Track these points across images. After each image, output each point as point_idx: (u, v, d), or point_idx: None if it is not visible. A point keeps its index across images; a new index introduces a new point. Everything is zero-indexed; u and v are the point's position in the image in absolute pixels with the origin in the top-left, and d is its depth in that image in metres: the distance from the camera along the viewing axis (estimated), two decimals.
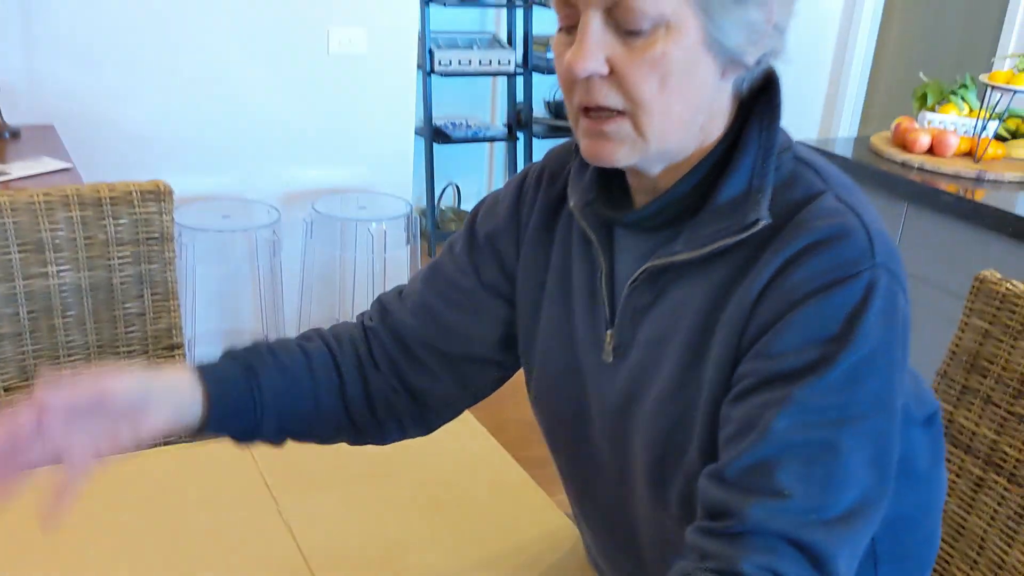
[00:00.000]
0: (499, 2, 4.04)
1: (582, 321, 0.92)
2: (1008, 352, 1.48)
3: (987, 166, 2.50)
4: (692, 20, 0.74)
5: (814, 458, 0.73)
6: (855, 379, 0.74)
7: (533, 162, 1.04)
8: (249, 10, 2.58)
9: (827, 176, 0.82)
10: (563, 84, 0.80)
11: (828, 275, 0.74)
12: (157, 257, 1.68)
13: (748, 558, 0.71)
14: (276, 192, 2.74)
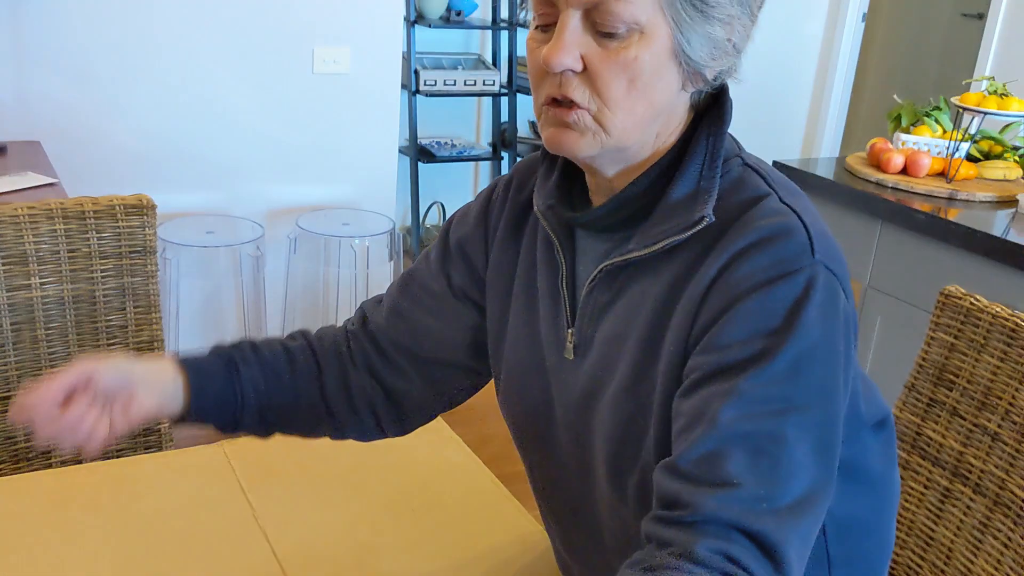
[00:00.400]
0: (484, 24, 4.10)
1: (546, 321, 0.96)
2: (972, 365, 1.51)
3: (959, 186, 2.55)
4: (663, 29, 0.79)
5: (761, 448, 0.76)
6: (797, 370, 0.77)
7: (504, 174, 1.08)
8: (235, 28, 2.61)
9: (772, 180, 0.86)
10: (533, 77, 0.84)
11: (770, 271, 0.78)
12: (140, 270, 1.70)
13: (702, 543, 0.74)
14: (260, 208, 2.77)
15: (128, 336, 1.70)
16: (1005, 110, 2.53)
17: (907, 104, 2.83)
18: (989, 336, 1.49)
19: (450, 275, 1.05)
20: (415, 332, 1.05)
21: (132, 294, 1.69)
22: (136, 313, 1.70)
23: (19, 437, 1.61)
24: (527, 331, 0.98)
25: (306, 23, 2.68)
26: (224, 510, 1.20)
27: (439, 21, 3.91)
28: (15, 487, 1.23)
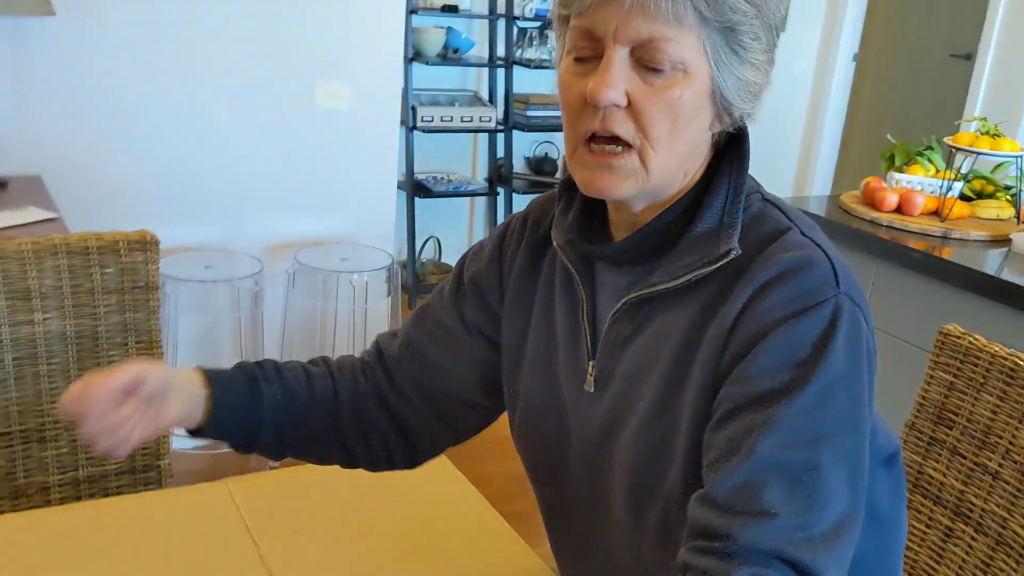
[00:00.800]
0: (481, 62, 4.14)
1: (564, 353, 0.97)
2: (972, 404, 1.52)
3: (953, 225, 2.58)
4: (704, 69, 0.82)
5: (797, 477, 0.77)
6: (826, 399, 0.79)
7: (517, 212, 1.10)
8: (238, 65, 2.64)
9: (792, 215, 0.89)
10: (571, 110, 0.85)
11: (797, 303, 0.80)
12: (142, 306, 1.70)
13: (741, 572, 0.75)
14: (259, 243, 2.78)
15: None
16: (997, 150, 2.56)
17: (900, 143, 2.87)
18: (988, 375, 1.50)
19: (463, 311, 1.06)
20: (427, 366, 1.06)
21: (134, 330, 1.69)
22: (138, 349, 1.70)
23: (19, 473, 1.61)
24: (545, 365, 1.00)
25: (308, 61, 2.71)
26: (229, 548, 1.20)
27: (436, 59, 3.95)
28: (16, 524, 1.23)
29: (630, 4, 0.78)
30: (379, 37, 2.79)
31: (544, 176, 4.48)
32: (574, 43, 0.84)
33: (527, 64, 4.21)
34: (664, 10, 0.78)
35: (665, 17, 0.78)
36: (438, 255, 4.45)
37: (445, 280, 1.11)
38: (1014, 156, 2.59)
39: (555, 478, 1.01)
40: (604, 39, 0.81)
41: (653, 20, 0.79)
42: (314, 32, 2.70)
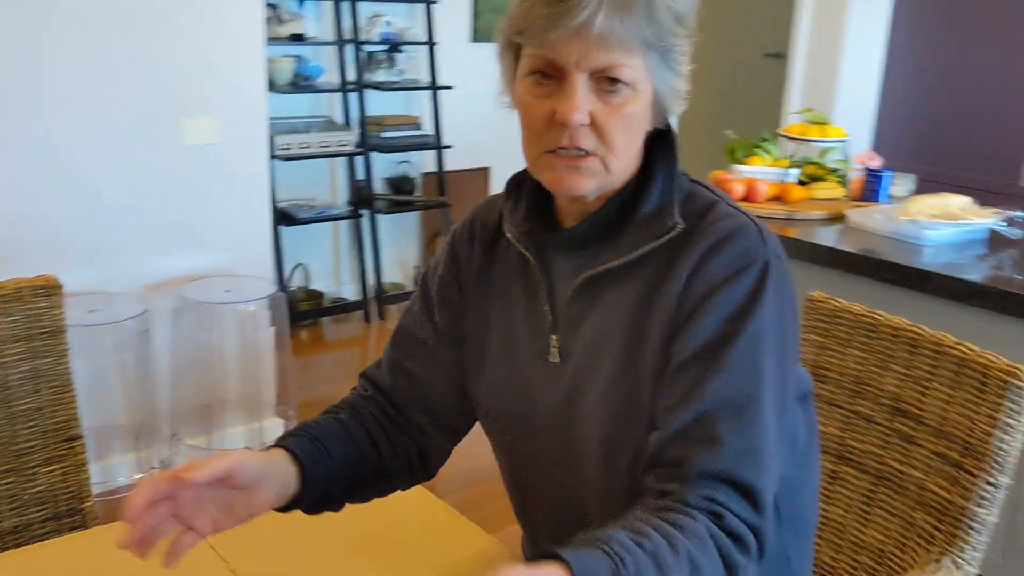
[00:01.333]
0: (332, 87, 4.19)
1: (526, 333, 1.09)
2: (842, 359, 1.72)
3: (795, 207, 2.85)
4: (648, 85, 0.96)
5: (740, 410, 0.93)
6: (760, 343, 0.95)
7: (454, 224, 1.21)
8: (102, 105, 2.60)
9: (714, 190, 1.05)
10: (535, 126, 0.98)
11: (736, 264, 0.96)
12: (50, 351, 1.69)
13: (694, 492, 0.90)
14: (141, 282, 2.74)
15: (44, 418, 1.68)
16: (825, 137, 2.85)
17: (740, 138, 3.13)
18: (854, 332, 1.71)
19: (435, 322, 1.16)
20: (416, 384, 1.16)
21: (45, 376, 1.68)
22: (51, 394, 1.69)
23: None
24: (508, 348, 1.11)
25: (172, 96, 2.70)
26: (200, 568, 1.23)
27: (288, 87, 3.98)
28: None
29: (594, 39, 0.91)
30: (241, 69, 2.81)
31: (404, 195, 4.56)
32: (533, 68, 0.96)
33: (378, 86, 4.29)
34: (620, 42, 0.91)
35: (619, 48, 0.92)
36: (307, 282, 4.45)
37: (412, 300, 1.20)
38: (840, 141, 2.88)
39: (525, 446, 1.11)
40: (567, 67, 0.93)
41: (610, 51, 0.92)
42: (176, 68, 2.69)
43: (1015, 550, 2.28)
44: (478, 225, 1.16)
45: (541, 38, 0.93)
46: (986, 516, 1.48)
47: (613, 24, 0.91)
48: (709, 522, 0.91)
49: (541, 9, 0.92)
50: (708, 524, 0.91)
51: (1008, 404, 1.45)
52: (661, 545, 0.88)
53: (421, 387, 1.17)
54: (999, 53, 4.25)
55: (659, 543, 0.88)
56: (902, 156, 4.51)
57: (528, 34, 0.94)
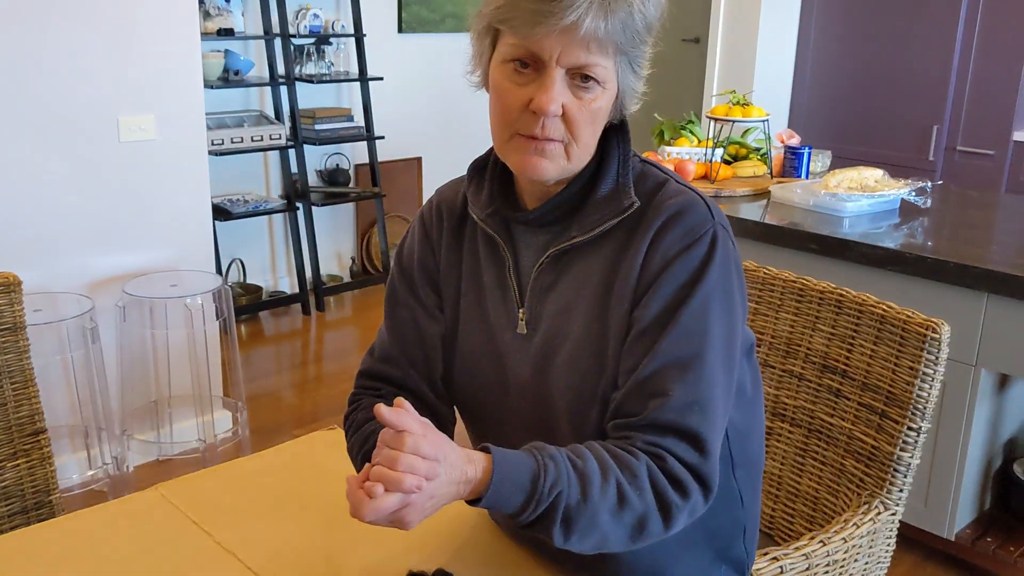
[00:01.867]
0: (262, 81, 4.19)
1: (494, 306, 1.17)
2: (774, 323, 1.85)
3: (721, 185, 2.98)
4: (614, 84, 1.05)
5: (687, 365, 1.04)
6: (707, 306, 1.05)
7: (423, 206, 1.28)
8: (38, 104, 2.59)
9: (663, 169, 1.15)
10: (507, 112, 1.05)
11: (688, 237, 1.06)
12: (11, 347, 1.71)
13: (642, 438, 1.02)
14: (85, 281, 2.73)
15: (9, 413, 1.70)
16: (748, 117, 2.99)
17: (667, 121, 3.26)
18: (784, 297, 1.84)
19: (423, 301, 1.23)
20: (421, 365, 1.23)
21: (7, 371, 1.70)
22: (14, 389, 1.71)
23: None
24: (478, 320, 1.19)
25: (109, 93, 2.69)
26: (187, 544, 1.28)
27: (218, 82, 3.97)
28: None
29: (579, 38, 0.99)
30: (177, 64, 2.81)
31: (338, 187, 4.59)
32: (514, 56, 1.03)
33: (308, 79, 4.31)
34: (599, 44, 1.00)
35: (598, 49, 1.00)
36: (243, 276, 4.45)
37: (389, 294, 1.26)
38: (762, 121, 3.03)
39: (497, 413, 1.20)
40: (548, 61, 1.01)
41: (589, 51, 1.00)
42: (112, 65, 2.69)
43: (935, 498, 2.45)
44: (445, 207, 1.24)
45: (526, 31, 1.00)
46: (910, 459, 1.62)
47: (598, 27, 0.99)
48: (650, 461, 1.02)
49: (530, 4, 0.99)
50: (648, 463, 1.02)
51: (926, 355, 1.59)
52: (593, 468, 0.99)
53: (428, 368, 1.23)
54: (905, 34, 4.46)
55: (592, 466, 0.99)
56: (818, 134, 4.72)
57: (513, 24, 1.01)
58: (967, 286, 2.27)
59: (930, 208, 2.80)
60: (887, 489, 1.63)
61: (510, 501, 0.96)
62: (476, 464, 0.96)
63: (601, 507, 0.99)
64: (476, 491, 0.96)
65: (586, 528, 0.99)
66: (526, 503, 0.96)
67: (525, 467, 0.97)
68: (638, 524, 1.02)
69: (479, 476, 0.95)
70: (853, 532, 1.55)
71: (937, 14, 4.32)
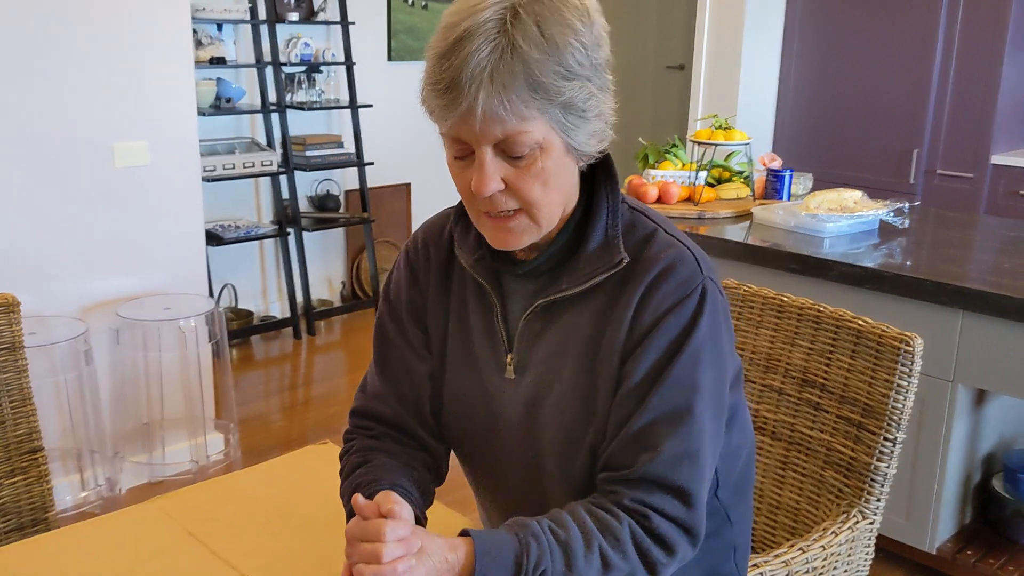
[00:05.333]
0: (253, 108, 4.25)
1: (482, 351, 1.20)
2: (754, 339, 1.90)
3: (705, 207, 3.05)
4: (556, 139, 1.03)
5: (677, 419, 1.07)
6: (697, 360, 1.08)
7: (408, 241, 1.29)
8: (34, 130, 2.64)
9: (652, 216, 1.16)
10: (465, 194, 1.08)
11: (677, 293, 1.08)
12: (10, 366, 1.75)
13: (629, 494, 1.05)
14: (78, 305, 2.77)
15: (7, 431, 1.74)
16: (731, 140, 3.06)
17: (651, 144, 3.33)
18: (763, 314, 1.89)
19: (410, 340, 1.25)
20: (411, 403, 1.25)
21: (6, 390, 1.74)
22: (12, 408, 1.75)
23: None
24: (466, 362, 1.21)
25: (104, 121, 2.75)
26: (183, 555, 1.31)
27: (211, 109, 4.03)
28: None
29: (481, 118, 0.98)
30: (171, 91, 2.87)
31: (329, 212, 4.64)
32: (451, 146, 1.05)
33: (299, 107, 4.37)
34: (508, 116, 0.98)
35: (512, 120, 0.98)
36: (234, 301, 4.49)
37: (379, 331, 1.28)
38: (744, 144, 3.10)
39: (487, 452, 1.22)
40: (473, 145, 1.02)
41: (504, 124, 0.99)
42: (107, 93, 2.74)
43: (916, 512, 2.50)
44: (432, 247, 1.24)
45: (443, 125, 1.02)
46: (886, 469, 1.67)
47: (493, 103, 0.97)
48: (632, 523, 1.05)
49: (434, 98, 1.00)
50: (631, 524, 1.04)
51: (900, 368, 1.64)
52: (576, 536, 1.02)
53: (418, 407, 1.25)
54: (885, 60, 4.56)
55: (575, 535, 1.02)
56: (801, 157, 4.80)
57: (434, 118, 1.04)
58: (943, 303, 2.33)
59: (908, 228, 2.87)
60: (865, 499, 1.68)
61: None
62: (458, 550, 0.98)
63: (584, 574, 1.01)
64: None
65: None
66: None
67: (508, 548, 0.99)
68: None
69: (462, 561, 0.98)
70: (832, 540, 1.59)
71: (915, 40, 4.43)
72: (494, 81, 0.97)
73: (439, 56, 1.00)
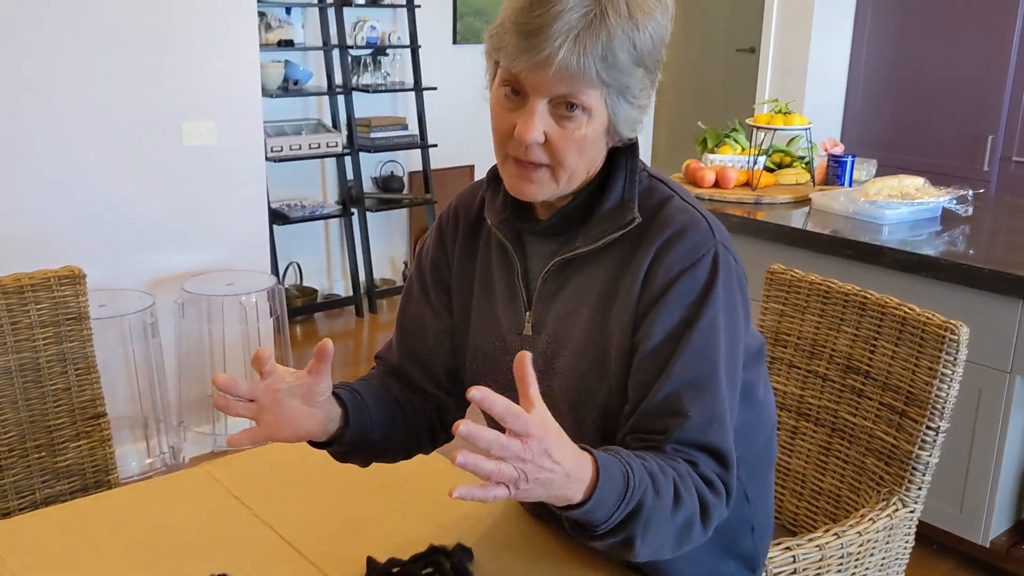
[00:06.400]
0: (320, 91, 4.34)
1: (504, 309, 1.24)
2: (800, 324, 1.89)
3: (763, 192, 3.02)
4: (604, 114, 1.08)
5: (701, 386, 1.09)
6: (714, 325, 1.10)
7: (444, 208, 1.36)
8: (106, 110, 2.74)
9: (671, 185, 1.19)
10: (501, 134, 1.11)
11: (690, 256, 1.10)
12: (76, 336, 1.84)
13: (670, 446, 1.07)
14: (146, 278, 2.89)
15: (72, 398, 1.83)
16: (790, 125, 3.02)
17: (711, 128, 3.30)
18: (809, 299, 1.88)
19: (431, 298, 1.31)
20: (423, 360, 1.31)
21: (71, 358, 1.83)
22: (77, 375, 1.84)
23: None
24: (489, 320, 1.26)
25: (173, 102, 2.85)
26: (226, 516, 1.38)
27: (279, 91, 4.12)
28: (26, 524, 1.36)
29: (554, 72, 1.03)
30: (237, 74, 2.96)
31: (392, 193, 4.72)
32: (504, 81, 1.09)
33: (365, 89, 4.45)
34: (578, 78, 1.03)
35: (577, 80, 1.03)
36: (299, 279, 4.60)
37: (407, 287, 1.35)
38: (804, 129, 3.06)
39: None
40: (530, 92, 1.06)
41: (569, 83, 1.04)
42: (176, 73, 2.84)
43: (970, 504, 2.46)
44: (462, 211, 1.31)
45: (511, 63, 1.06)
46: (928, 458, 1.65)
47: (570, 62, 1.01)
48: (688, 466, 1.07)
49: (514, 38, 1.04)
50: (687, 466, 1.06)
51: (944, 356, 1.62)
52: (653, 465, 1.03)
53: (427, 362, 1.31)
54: (959, 43, 4.44)
55: (653, 465, 1.03)
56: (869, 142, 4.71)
57: (502, 55, 1.08)
58: (1002, 292, 2.28)
59: (972, 216, 2.80)
60: (905, 487, 1.66)
61: (608, 500, 0.96)
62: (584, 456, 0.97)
63: (666, 506, 1.01)
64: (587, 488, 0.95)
65: (655, 530, 1.01)
66: (619, 501, 0.97)
67: (615, 465, 0.97)
68: (685, 526, 1.05)
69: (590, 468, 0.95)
70: (868, 527, 1.59)
71: (992, 20, 4.29)
72: (577, 42, 1.02)
73: (532, 1, 1.04)
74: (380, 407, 1.25)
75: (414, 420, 1.31)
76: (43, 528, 1.36)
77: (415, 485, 1.48)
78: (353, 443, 1.21)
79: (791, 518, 1.93)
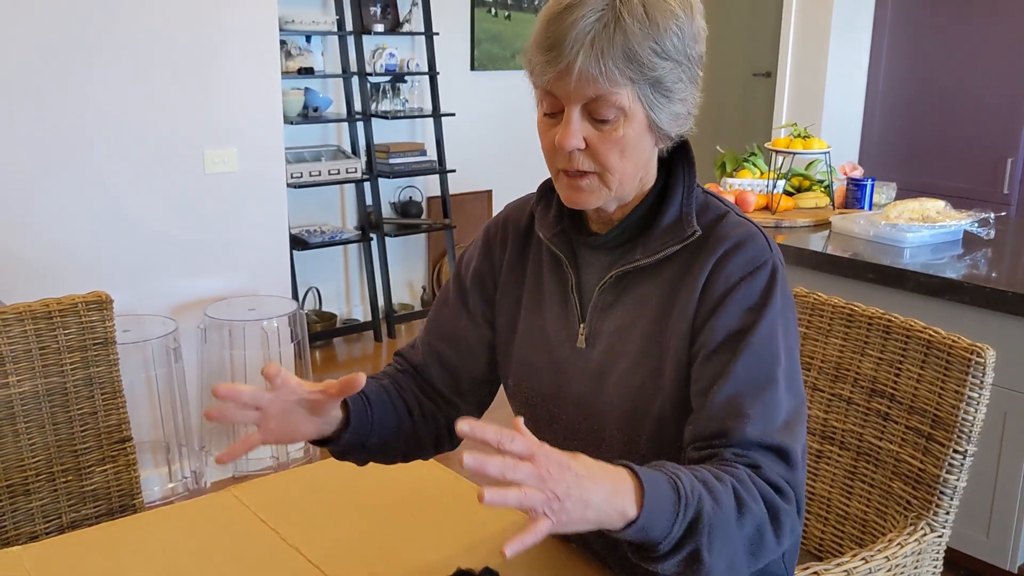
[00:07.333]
0: (340, 117, 4.38)
1: (555, 321, 1.25)
2: (823, 347, 1.89)
3: (782, 216, 3.02)
4: (641, 111, 1.10)
5: (762, 388, 1.09)
6: (774, 331, 1.11)
7: (491, 219, 1.38)
8: (129, 137, 2.78)
9: (724, 202, 1.22)
10: (547, 151, 1.15)
11: (749, 265, 1.13)
12: (103, 360, 1.86)
13: (731, 451, 1.06)
14: (168, 304, 2.91)
15: (99, 422, 1.84)
16: (809, 149, 3.03)
17: (729, 152, 3.31)
18: (833, 322, 1.88)
19: (469, 307, 1.33)
20: (447, 364, 1.33)
21: (98, 382, 1.85)
22: (104, 400, 1.85)
23: (8, 525, 1.73)
24: (537, 332, 1.27)
25: (195, 128, 2.88)
26: (253, 540, 1.38)
27: (298, 118, 4.16)
28: (54, 548, 1.37)
29: (576, 77, 1.06)
30: (259, 101, 3.00)
31: (411, 218, 4.74)
32: (541, 100, 1.13)
33: (384, 116, 4.48)
34: (601, 79, 1.06)
35: (604, 83, 1.06)
36: (318, 304, 4.62)
37: (443, 292, 1.37)
38: (823, 153, 3.06)
39: (552, 423, 1.27)
40: (563, 101, 1.10)
41: (596, 86, 1.06)
42: (199, 100, 2.88)
43: (997, 529, 2.43)
44: (511, 225, 1.33)
45: (541, 80, 1.10)
46: (956, 482, 1.64)
47: (590, 64, 1.04)
48: (748, 470, 1.05)
49: (538, 55, 1.08)
50: (747, 471, 1.05)
51: (971, 379, 1.61)
52: (706, 474, 1.02)
53: (452, 367, 1.33)
54: (977, 65, 4.44)
55: (704, 474, 1.01)
56: (887, 165, 4.70)
57: (533, 76, 1.12)
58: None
59: (995, 239, 2.79)
60: (933, 511, 1.65)
61: (662, 512, 0.93)
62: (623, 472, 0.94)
63: (729, 514, 0.99)
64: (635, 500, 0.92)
65: (722, 540, 0.98)
66: (675, 512, 0.94)
67: (661, 478, 0.95)
68: (756, 535, 1.02)
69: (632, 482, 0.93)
70: (896, 551, 1.57)
71: (1011, 42, 4.29)
72: (594, 46, 1.05)
73: (549, 19, 1.08)
74: (385, 411, 1.26)
75: (421, 424, 1.32)
76: (71, 551, 1.36)
77: (442, 507, 1.48)
78: (350, 444, 1.22)
79: (817, 543, 1.92)
